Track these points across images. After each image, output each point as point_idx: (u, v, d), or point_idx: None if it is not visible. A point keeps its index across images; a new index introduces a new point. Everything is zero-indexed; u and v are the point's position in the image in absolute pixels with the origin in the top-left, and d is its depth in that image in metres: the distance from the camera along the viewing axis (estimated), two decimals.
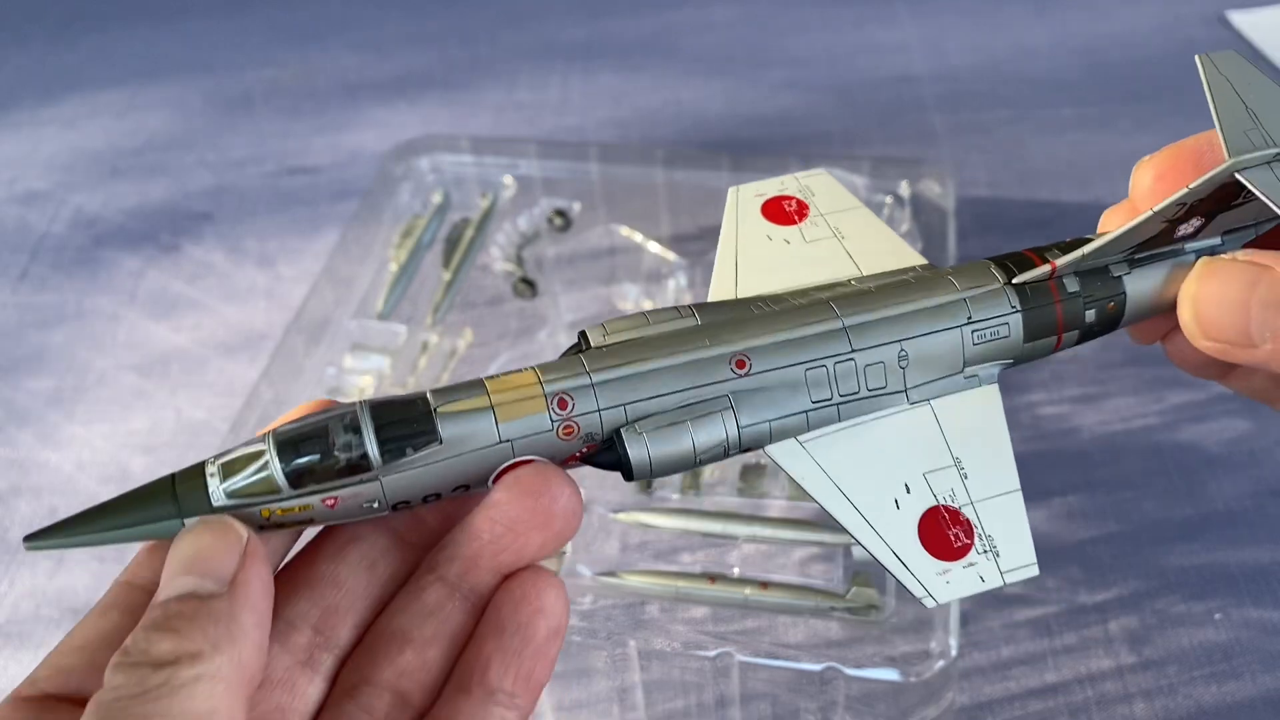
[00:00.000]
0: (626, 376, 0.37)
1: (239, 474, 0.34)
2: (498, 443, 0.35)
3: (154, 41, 1.35)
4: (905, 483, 0.38)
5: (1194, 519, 0.73)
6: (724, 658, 0.55)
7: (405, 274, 0.85)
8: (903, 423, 0.39)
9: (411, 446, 0.35)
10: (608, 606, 0.59)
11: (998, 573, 0.36)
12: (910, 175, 0.84)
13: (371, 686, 0.35)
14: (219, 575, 0.32)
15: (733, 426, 0.37)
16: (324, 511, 0.35)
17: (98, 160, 1.15)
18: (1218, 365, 0.43)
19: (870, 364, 0.39)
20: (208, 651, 0.30)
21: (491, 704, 0.35)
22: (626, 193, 0.91)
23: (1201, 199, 0.38)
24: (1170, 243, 0.41)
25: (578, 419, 0.36)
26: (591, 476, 0.74)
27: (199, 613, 0.31)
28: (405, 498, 0.35)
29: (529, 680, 0.35)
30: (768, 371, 0.38)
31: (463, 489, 0.36)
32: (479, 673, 0.35)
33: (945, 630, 0.55)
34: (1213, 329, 0.38)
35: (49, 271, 1.01)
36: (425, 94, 1.22)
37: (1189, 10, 1.26)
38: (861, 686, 0.54)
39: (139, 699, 0.29)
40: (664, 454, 0.36)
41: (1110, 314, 0.41)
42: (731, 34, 1.30)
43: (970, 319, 0.40)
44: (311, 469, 0.34)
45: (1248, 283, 0.36)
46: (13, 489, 0.80)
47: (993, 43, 1.24)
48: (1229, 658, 0.65)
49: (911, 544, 0.36)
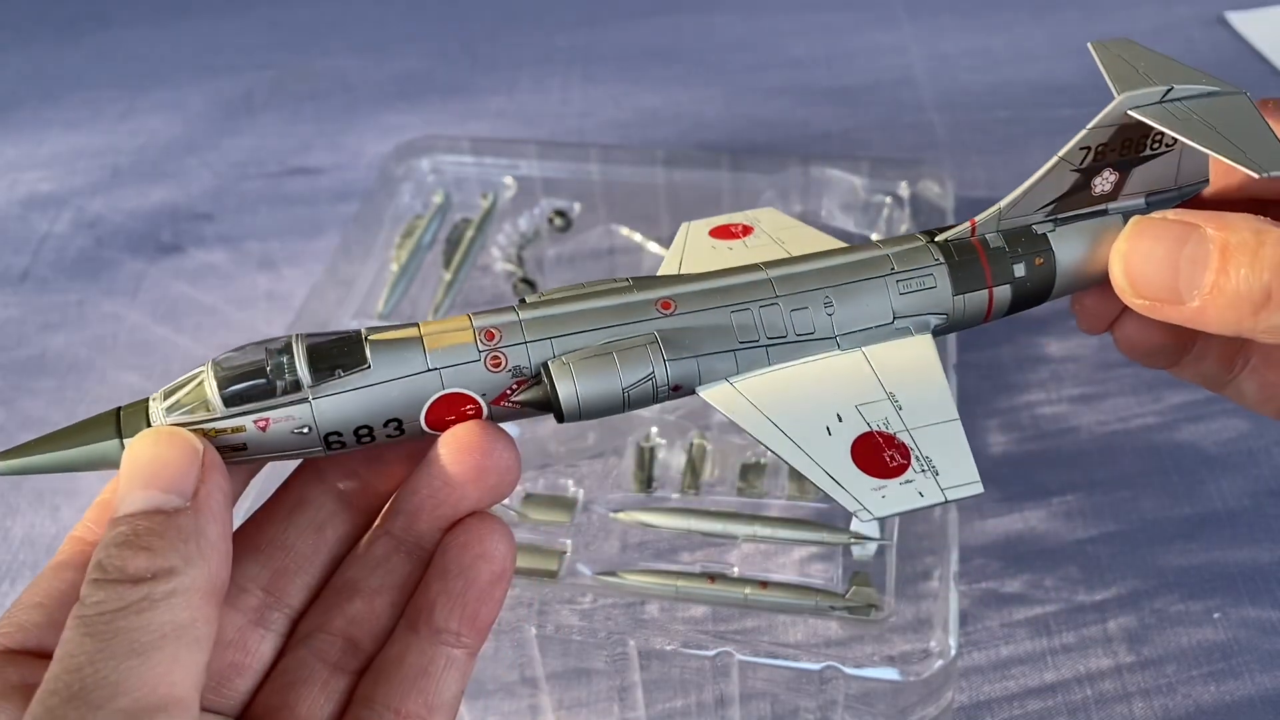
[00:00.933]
0: (554, 315, 0.38)
1: (177, 394, 0.35)
2: (425, 370, 0.36)
3: (155, 43, 1.35)
4: (837, 413, 0.37)
5: (1193, 519, 0.73)
6: (723, 657, 0.56)
7: (406, 274, 0.85)
8: (834, 364, 0.39)
9: (342, 368, 0.36)
10: (608, 606, 0.60)
11: (938, 489, 0.36)
12: (909, 176, 0.84)
13: (324, 634, 0.38)
14: (181, 489, 0.33)
15: (660, 362, 0.38)
16: (257, 435, 0.35)
17: (99, 161, 1.15)
18: (1166, 353, 0.44)
19: (796, 309, 0.40)
20: (180, 566, 0.32)
21: (438, 643, 0.37)
22: (626, 193, 0.91)
23: (1104, 144, 0.40)
24: (1092, 203, 0.42)
25: (505, 350, 0.37)
26: (592, 476, 0.74)
27: (167, 529, 0.32)
28: (337, 428, 0.36)
29: (474, 621, 0.37)
30: (693, 313, 0.39)
31: (395, 426, 0.37)
32: (425, 614, 0.37)
33: (944, 629, 0.55)
34: (1142, 285, 0.39)
35: (51, 272, 1.01)
36: (426, 94, 1.23)
37: (1187, 11, 1.26)
38: (861, 686, 0.54)
39: (121, 613, 0.31)
40: (592, 390, 0.37)
41: (1041, 270, 0.42)
42: (731, 35, 1.30)
43: (894, 269, 0.41)
44: (245, 389, 0.35)
45: (1176, 239, 0.37)
46: (13, 488, 0.80)
47: (991, 44, 1.24)
48: (1228, 657, 0.65)
49: (845, 464, 0.36)
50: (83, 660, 0.30)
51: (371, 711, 0.37)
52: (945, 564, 0.58)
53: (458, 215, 0.92)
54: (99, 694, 0.29)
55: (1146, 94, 0.39)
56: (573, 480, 0.73)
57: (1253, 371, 0.45)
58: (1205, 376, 0.45)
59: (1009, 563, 0.71)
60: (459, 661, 0.37)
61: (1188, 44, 1.21)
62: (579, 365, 0.37)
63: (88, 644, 0.30)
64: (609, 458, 0.75)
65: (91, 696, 0.29)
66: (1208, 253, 0.37)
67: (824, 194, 0.87)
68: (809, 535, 0.67)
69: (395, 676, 0.37)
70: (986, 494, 0.75)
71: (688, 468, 0.72)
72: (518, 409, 0.38)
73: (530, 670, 0.61)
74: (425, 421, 0.37)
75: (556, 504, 0.71)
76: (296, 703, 0.37)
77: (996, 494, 0.75)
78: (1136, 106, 0.39)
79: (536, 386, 0.37)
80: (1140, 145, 0.41)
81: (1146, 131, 0.40)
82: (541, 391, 0.37)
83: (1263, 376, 0.45)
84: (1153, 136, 0.41)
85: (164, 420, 0.35)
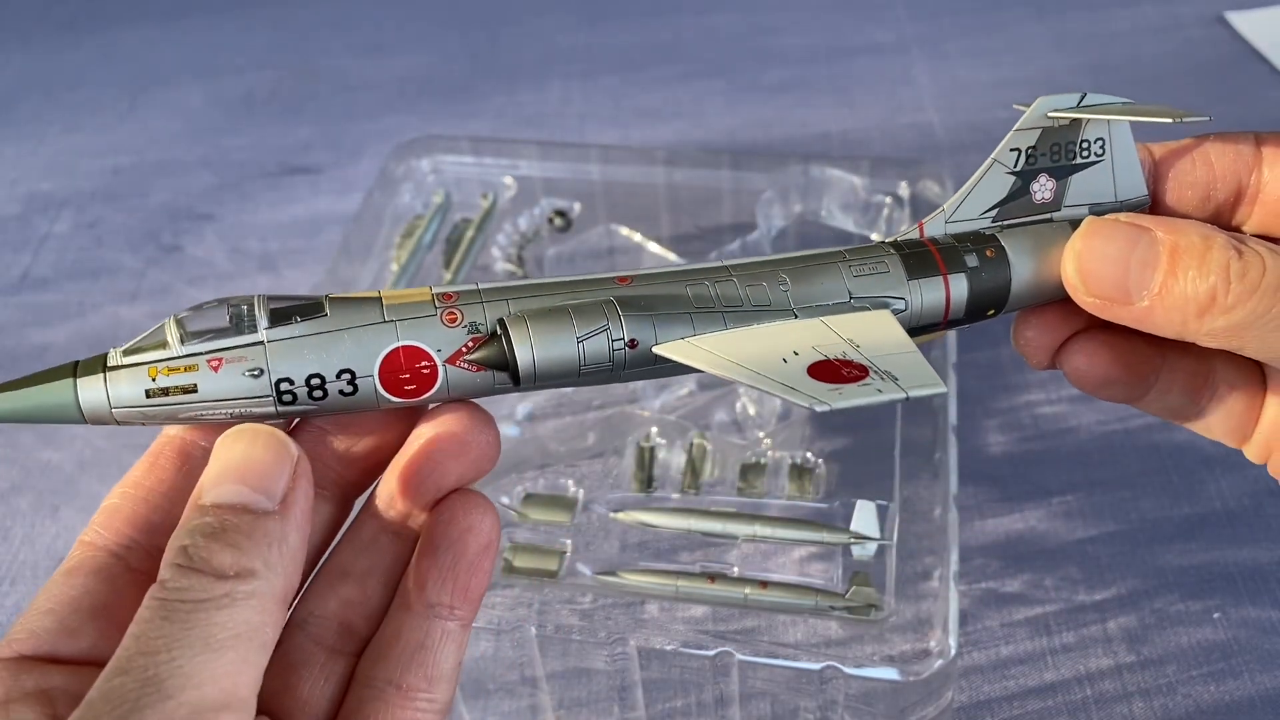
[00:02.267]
0: (512, 287, 0.39)
1: (137, 340, 0.36)
2: (381, 321, 0.37)
3: (156, 42, 1.35)
4: (794, 350, 0.38)
5: (1192, 518, 0.73)
6: (723, 657, 0.56)
7: (406, 274, 0.85)
8: (791, 324, 0.40)
9: (299, 315, 0.36)
10: (608, 606, 0.60)
11: (898, 388, 0.36)
12: (909, 176, 0.84)
13: (318, 619, 0.39)
14: (271, 491, 0.33)
15: (615, 318, 0.38)
16: (210, 376, 0.35)
17: (100, 160, 1.15)
18: (1118, 386, 0.45)
19: (750, 285, 0.40)
20: (261, 570, 0.32)
21: (433, 616, 0.38)
22: (626, 193, 0.91)
23: (1033, 146, 0.43)
24: (1034, 210, 0.44)
25: (461, 307, 0.38)
26: (591, 476, 0.74)
27: (255, 530, 0.32)
28: (288, 374, 0.36)
29: (466, 592, 0.38)
30: (649, 285, 0.40)
31: (349, 379, 0.36)
32: (417, 590, 0.38)
33: (944, 629, 0.55)
34: (1093, 283, 0.40)
35: (51, 272, 1.01)
36: (426, 94, 1.23)
37: (1187, 11, 1.26)
38: (861, 685, 0.54)
39: (202, 605, 0.31)
40: (546, 342, 0.37)
41: (994, 264, 0.43)
42: (731, 35, 1.30)
43: (846, 259, 0.42)
44: (202, 329, 0.36)
45: (1128, 240, 0.39)
46: (13, 489, 0.80)
47: (992, 43, 1.24)
48: (1227, 657, 0.65)
49: (801, 378, 0.36)
50: (160, 645, 0.30)
51: (373, 689, 0.37)
52: (945, 564, 0.58)
53: (458, 215, 0.92)
54: (172, 683, 0.30)
55: (1063, 98, 0.42)
56: (573, 480, 0.73)
57: (1218, 401, 0.46)
58: (1171, 409, 0.46)
59: (1009, 563, 0.71)
60: (454, 633, 0.38)
61: (1188, 44, 1.21)
62: (534, 317, 0.38)
63: (167, 628, 0.30)
64: (609, 458, 0.75)
65: (165, 685, 0.29)
66: (1157, 255, 0.38)
67: (824, 194, 0.87)
68: (809, 535, 0.67)
69: (393, 653, 0.38)
70: (986, 494, 0.75)
71: (688, 468, 0.72)
72: (474, 369, 0.38)
73: (530, 670, 0.61)
74: (379, 377, 0.37)
75: (556, 504, 0.71)
76: (298, 685, 0.38)
77: (996, 494, 0.75)
78: (1054, 108, 0.42)
79: (492, 343, 0.38)
80: (1070, 151, 0.43)
81: (1073, 137, 0.43)
82: (497, 348, 0.38)
83: (1228, 406, 0.46)
84: (1080, 142, 0.43)
85: (119, 361, 0.35)
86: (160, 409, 0.36)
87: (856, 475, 0.71)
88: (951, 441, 0.64)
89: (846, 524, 0.66)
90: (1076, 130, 0.43)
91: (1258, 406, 0.46)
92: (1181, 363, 0.45)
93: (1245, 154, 0.42)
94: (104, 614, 0.35)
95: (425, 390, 0.37)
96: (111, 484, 0.37)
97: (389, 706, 0.37)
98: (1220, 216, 0.43)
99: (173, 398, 0.35)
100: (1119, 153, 0.44)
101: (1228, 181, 0.42)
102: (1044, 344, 0.45)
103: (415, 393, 0.37)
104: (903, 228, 0.83)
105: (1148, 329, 0.39)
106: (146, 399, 0.35)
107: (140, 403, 0.35)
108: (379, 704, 0.37)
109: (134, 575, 0.36)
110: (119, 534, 0.36)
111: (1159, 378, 0.45)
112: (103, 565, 0.36)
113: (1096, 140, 0.43)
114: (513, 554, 0.67)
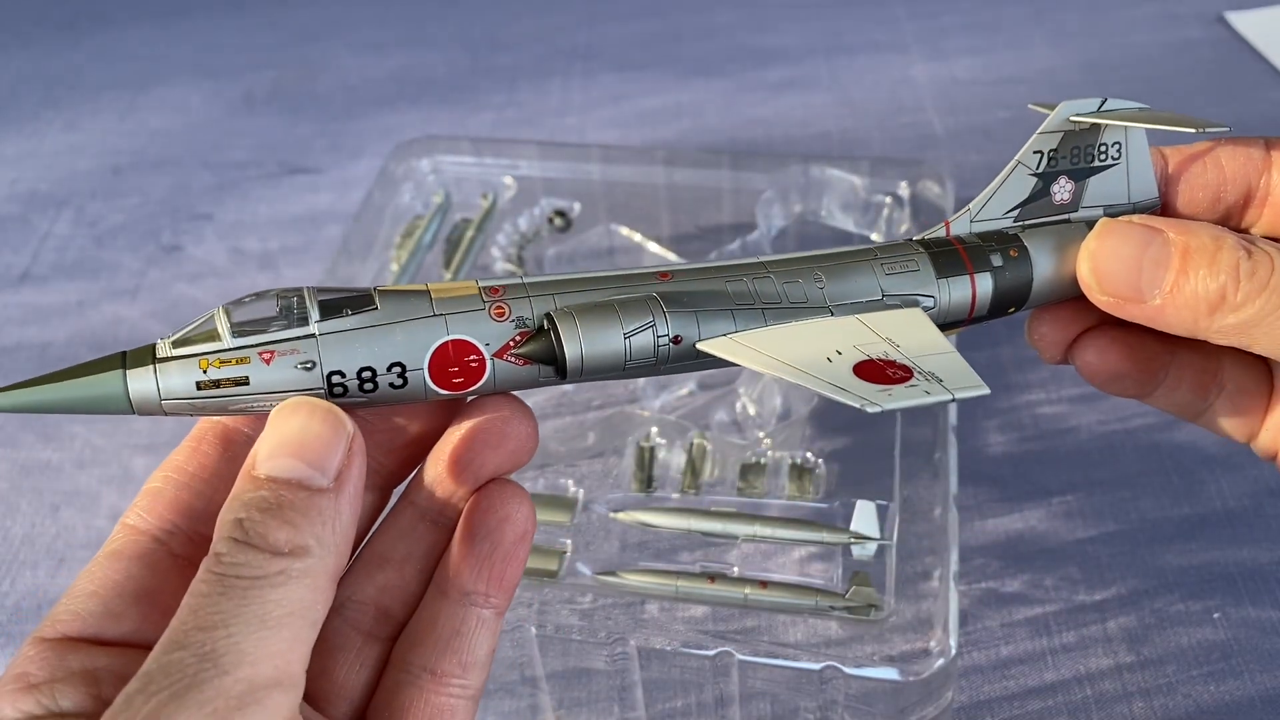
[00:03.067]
0: (558, 281, 0.40)
1: (185, 331, 0.36)
2: (431, 315, 0.37)
3: (155, 42, 1.36)
4: (837, 349, 0.39)
5: (1192, 518, 0.73)
6: (723, 657, 0.56)
7: (406, 274, 0.85)
8: (830, 322, 0.41)
9: (349, 308, 0.37)
10: (608, 606, 0.60)
11: (944, 389, 0.37)
12: (909, 176, 0.84)
13: (356, 603, 0.39)
14: (326, 468, 0.33)
15: (660, 314, 0.39)
16: (261, 369, 0.36)
17: (100, 160, 1.15)
18: (1130, 381, 0.46)
19: (788, 282, 0.41)
20: (314, 547, 0.32)
21: (468, 604, 0.38)
22: (626, 193, 0.91)
23: (1055, 149, 0.44)
24: (1054, 211, 0.45)
25: (509, 302, 0.38)
26: (591, 476, 0.74)
27: (310, 508, 0.33)
28: (340, 367, 0.36)
29: (501, 580, 0.38)
30: (690, 281, 0.41)
31: (399, 372, 0.37)
32: (454, 578, 0.38)
33: (944, 629, 0.55)
34: (1107, 282, 0.41)
35: (51, 272, 1.01)
36: (426, 94, 1.23)
37: (1187, 11, 1.26)
38: (861, 685, 0.54)
39: (258, 581, 0.31)
40: (594, 336, 0.38)
41: (1017, 263, 0.44)
42: (731, 35, 1.30)
43: (878, 257, 0.43)
44: (254, 321, 0.36)
45: (1141, 241, 0.40)
46: (13, 489, 0.80)
47: (991, 43, 1.24)
48: (1227, 657, 0.65)
49: (849, 378, 0.37)
50: (217, 620, 0.30)
51: (408, 675, 0.38)
52: (945, 564, 0.58)
53: (458, 215, 0.92)
54: (228, 659, 0.30)
55: (1085, 102, 0.44)
56: (573, 480, 0.73)
57: (1227, 399, 0.46)
58: (1180, 405, 0.47)
59: (1009, 563, 0.71)
60: (489, 621, 0.38)
61: (1188, 44, 1.21)
62: (581, 312, 0.38)
63: (224, 604, 0.31)
64: (609, 458, 0.75)
65: (222, 660, 0.30)
66: (1169, 255, 0.39)
67: (824, 194, 0.87)
68: (809, 535, 0.67)
69: (429, 639, 0.38)
70: (986, 494, 0.75)
71: (688, 468, 0.72)
72: (521, 363, 0.38)
73: (530, 670, 0.61)
74: (429, 370, 0.37)
75: (556, 504, 0.71)
76: (334, 668, 0.38)
77: (996, 494, 0.75)
78: (1077, 113, 0.44)
79: (540, 337, 0.38)
80: (1089, 155, 0.45)
81: (1093, 141, 0.45)
82: (545, 343, 0.38)
83: (1235, 403, 0.46)
84: (1099, 145, 0.45)
85: (169, 352, 0.35)
86: (210, 401, 0.36)
87: (856, 475, 0.71)
88: (951, 441, 0.64)
89: (846, 524, 0.66)
90: (1096, 134, 0.45)
91: (1265, 404, 0.46)
92: (1191, 359, 0.46)
93: (1255, 158, 0.43)
94: (147, 599, 0.36)
95: (472, 384, 0.38)
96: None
97: (424, 692, 0.38)
98: (1230, 218, 0.44)
99: (224, 389, 0.35)
100: (1134, 156, 0.45)
101: (1238, 184, 0.44)
102: (1057, 339, 0.46)
103: (462, 385, 0.38)
104: (903, 227, 0.83)
105: (1160, 327, 0.40)
106: (197, 390, 0.35)
107: (190, 394, 0.35)
108: (414, 689, 0.38)
109: (176, 561, 0.37)
110: (161, 518, 0.37)
111: (1168, 374, 0.46)
112: (146, 550, 0.36)
113: (1114, 144, 0.45)
114: None
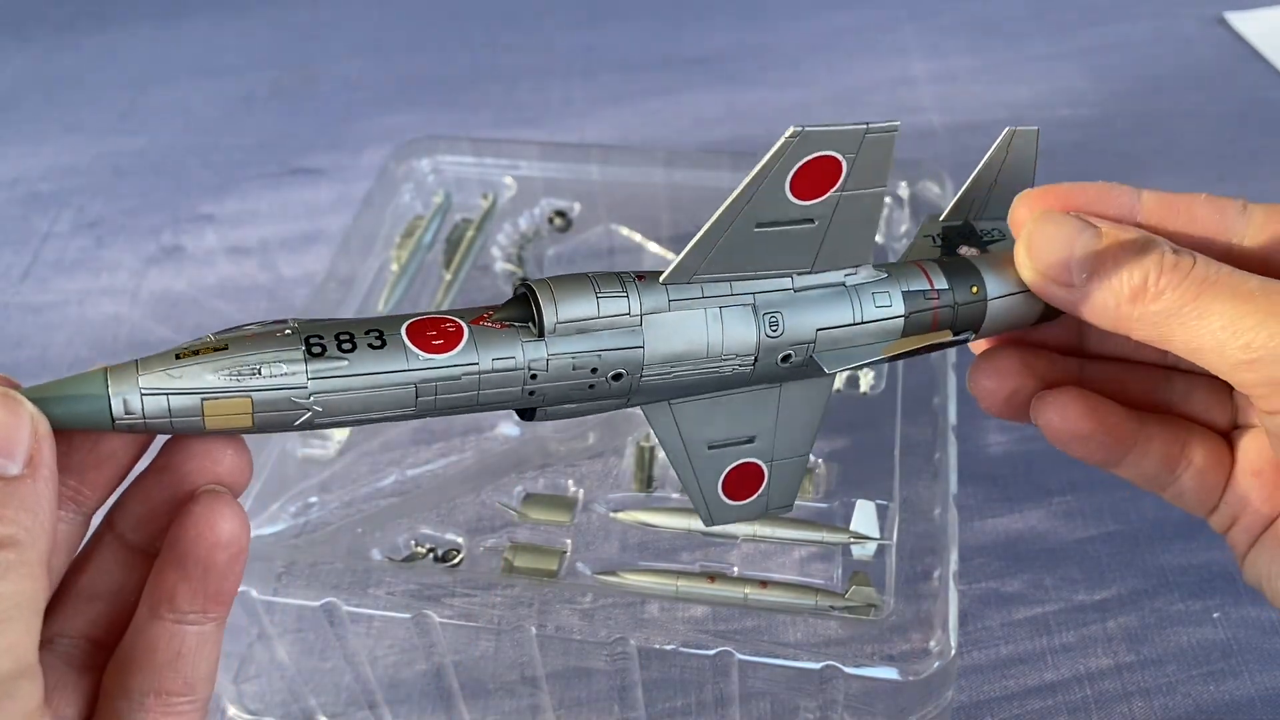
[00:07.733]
0: None
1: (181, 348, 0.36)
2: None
3: (156, 42, 1.36)
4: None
5: (1192, 518, 0.72)
6: (723, 656, 0.56)
7: (406, 274, 0.85)
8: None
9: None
10: (607, 605, 0.60)
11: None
12: (909, 176, 0.84)
13: (68, 639, 0.37)
14: (14, 454, 0.32)
15: (632, 282, 0.40)
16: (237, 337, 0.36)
17: (100, 160, 1.15)
18: (1099, 443, 0.46)
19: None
20: (22, 536, 0.31)
21: (185, 624, 0.36)
22: (626, 193, 0.91)
23: (932, 234, 0.49)
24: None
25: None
26: (591, 476, 0.74)
27: (10, 497, 0.31)
28: (319, 331, 0.36)
29: (219, 597, 0.36)
30: None
31: (377, 335, 0.37)
32: (167, 602, 0.36)
33: (944, 629, 0.55)
34: (1039, 259, 0.43)
35: (51, 272, 1.01)
36: (426, 95, 1.23)
37: (1187, 11, 1.26)
38: (861, 685, 0.54)
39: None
40: (569, 292, 0.39)
41: (965, 263, 0.46)
42: (731, 35, 1.30)
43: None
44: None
45: (1075, 228, 0.42)
46: None
47: (990, 43, 1.24)
48: (1227, 657, 0.65)
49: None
50: None
51: (129, 701, 0.36)
52: (945, 564, 0.58)
53: (458, 215, 0.92)
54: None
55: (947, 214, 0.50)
56: (573, 480, 0.73)
57: (1196, 474, 0.47)
58: (1147, 477, 0.47)
59: (1009, 562, 0.71)
60: (210, 634, 0.37)
61: (1187, 44, 1.21)
62: (557, 279, 0.39)
63: None
64: (609, 457, 0.75)
65: None
66: (1100, 241, 0.41)
67: None
68: (809, 535, 0.67)
69: (149, 664, 0.36)
70: (986, 494, 0.75)
71: None
72: (499, 326, 0.38)
73: (530, 670, 0.61)
74: (407, 334, 0.37)
75: (556, 504, 0.71)
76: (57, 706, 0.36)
77: (996, 494, 0.75)
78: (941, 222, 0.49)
79: (516, 301, 0.39)
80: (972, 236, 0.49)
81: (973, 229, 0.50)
82: (521, 306, 0.39)
83: (1203, 478, 0.47)
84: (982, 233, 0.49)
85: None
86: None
87: (856, 475, 0.71)
88: (951, 441, 0.64)
89: (846, 524, 0.66)
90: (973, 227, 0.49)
91: (1224, 479, 0.47)
92: (1158, 432, 0.46)
93: (1230, 214, 0.44)
94: None
95: (452, 346, 0.38)
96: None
97: (149, 713, 0.36)
98: None
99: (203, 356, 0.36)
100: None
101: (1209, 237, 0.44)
102: (999, 389, 0.47)
103: (442, 348, 0.37)
104: (903, 228, 0.83)
105: (1084, 314, 0.42)
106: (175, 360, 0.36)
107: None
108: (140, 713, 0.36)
109: None
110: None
111: (1135, 443, 0.46)
112: None
113: (994, 230, 0.49)
114: (513, 554, 0.67)
